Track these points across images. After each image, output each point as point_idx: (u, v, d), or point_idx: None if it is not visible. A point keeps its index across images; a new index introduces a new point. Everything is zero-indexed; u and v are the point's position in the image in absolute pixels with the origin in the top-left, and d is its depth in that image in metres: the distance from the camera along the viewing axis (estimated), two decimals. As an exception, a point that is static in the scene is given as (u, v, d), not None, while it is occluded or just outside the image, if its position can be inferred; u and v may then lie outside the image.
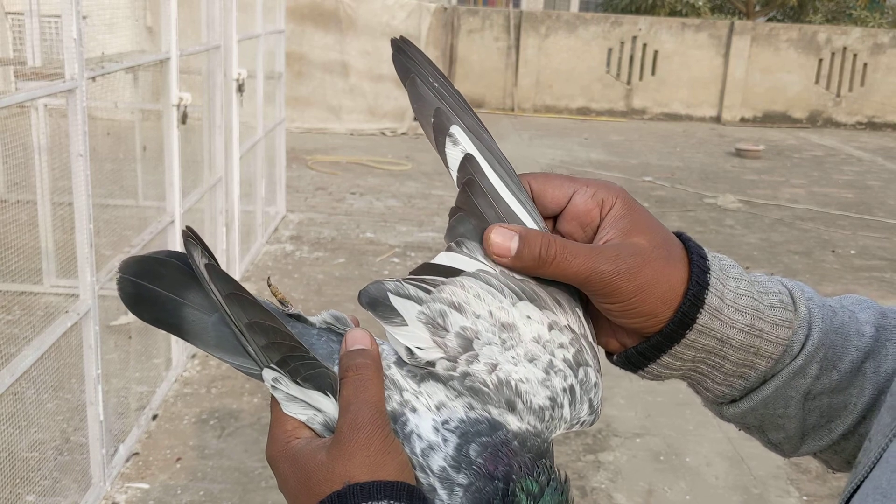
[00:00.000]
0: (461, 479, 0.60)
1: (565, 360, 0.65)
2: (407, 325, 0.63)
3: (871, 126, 15.76)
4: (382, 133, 12.31)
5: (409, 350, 0.64)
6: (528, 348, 0.64)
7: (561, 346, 0.65)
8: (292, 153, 9.27)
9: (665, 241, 0.68)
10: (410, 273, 0.68)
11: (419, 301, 0.64)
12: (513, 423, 0.62)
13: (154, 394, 4.11)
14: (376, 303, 0.65)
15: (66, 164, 3.16)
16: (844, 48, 15.53)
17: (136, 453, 3.74)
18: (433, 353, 0.63)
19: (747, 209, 8.96)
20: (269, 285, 0.73)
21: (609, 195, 0.69)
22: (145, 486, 3.52)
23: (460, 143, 0.69)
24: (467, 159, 0.69)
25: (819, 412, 0.72)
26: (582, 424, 0.65)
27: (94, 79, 3.26)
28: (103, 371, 3.31)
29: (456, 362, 0.63)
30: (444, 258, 0.68)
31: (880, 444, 0.60)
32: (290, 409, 0.64)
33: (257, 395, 4.31)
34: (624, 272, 0.65)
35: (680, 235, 0.71)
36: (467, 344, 0.63)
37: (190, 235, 0.63)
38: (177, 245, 4.21)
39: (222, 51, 5.02)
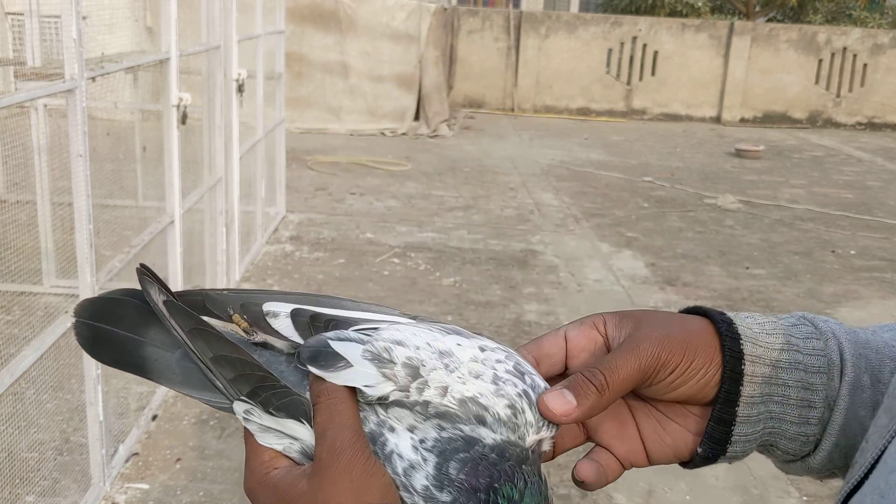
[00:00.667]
0: (445, 496, 0.59)
1: (508, 371, 0.64)
2: (352, 365, 0.62)
3: (871, 126, 15.77)
4: (382, 133, 12.30)
5: (358, 393, 0.62)
6: (469, 367, 0.63)
7: (498, 361, 0.65)
8: (292, 153, 9.27)
9: (670, 312, 0.72)
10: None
11: (361, 342, 0.63)
12: (487, 436, 0.61)
13: (154, 394, 4.11)
14: (317, 354, 0.62)
15: (65, 164, 3.16)
16: (844, 48, 15.53)
17: (136, 454, 3.73)
18: (384, 388, 0.62)
19: (747, 209, 8.96)
20: (231, 315, 0.69)
21: (596, 317, 0.71)
22: (145, 486, 3.52)
23: (280, 312, 0.67)
24: (295, 312, 0.67)
25: None
26: (549, 427, 0.64)
27: (93, 79, 3.26)
28: (103, 371, 3.31)
29: (408, 391, 0.62)
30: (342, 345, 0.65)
31: (877, 445, 0.60)
32: (265, 439, 0.63)
33: (257, 396, 4.31)
34: (662, 339, 0.67)
35: (682, 310, 0.74)
36: (415, 372, 0.62)
37: (145, 273, 0.63)
38: (177, 245, 4.20)
39: (222, 51, 5.02)
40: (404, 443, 0.61)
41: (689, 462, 0.72)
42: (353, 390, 0.62)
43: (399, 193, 8.73)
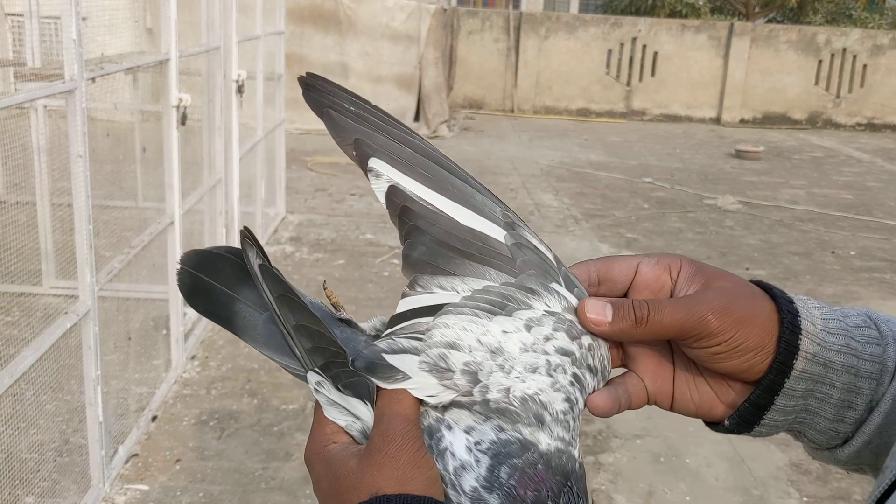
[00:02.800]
0: (493, 500, 0.60)
1: (557, 350, 0.65)
2: (410, 377, 0.63)
3: (871, 127, 15.77)
4: (382, 134, 12.29)
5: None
6: (523, 361, 0.64)
7: (546, 338, 0.65)
8: (292, 154, 9.27)
9: (745, 282, 0.70)
10: (386, 329, 0.67)
11: (416, 352, 0.64)
12: (543, 441, 0.62)
13: (154, 395, 4.11)
14: (374, 366, 0.63)
15: (65, 165, 3.16)
16: (844, 49, 15.54)
17: (136, 455, 3.73)
18: (445, 396, 0.63)
19: (747, 210, 8.96)
20: (325, 289, 0.73)
21: (674, 260, 0.71)
22: (145, 487, 3.52)
23: (383, 175, 0.67)
24: (392, 191, 0.67)
25: None
26: (596, 374, 0.66)
27: (93, 80, 3.26)
28: (103, 372, 3.31)
29: (471, 395, 0.63)
30: (407, 304, 0.67)
31: None
32: (330, 413, 0.65)
33: (257, 397, 4.30)
34: (719, 309, 0.66)
35: (753, 280, 0.72)
36: (474, 378, 0.63)
37: (247, 236, 0.65)
38: (176, 246, 4.20)
39: (222, 52, 5.02)
40: (459, 442, 0.62)
41: (711, 424, 0.73)
42: None
43: (399, 194, 8.72)
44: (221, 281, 0.67)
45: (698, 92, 15.58)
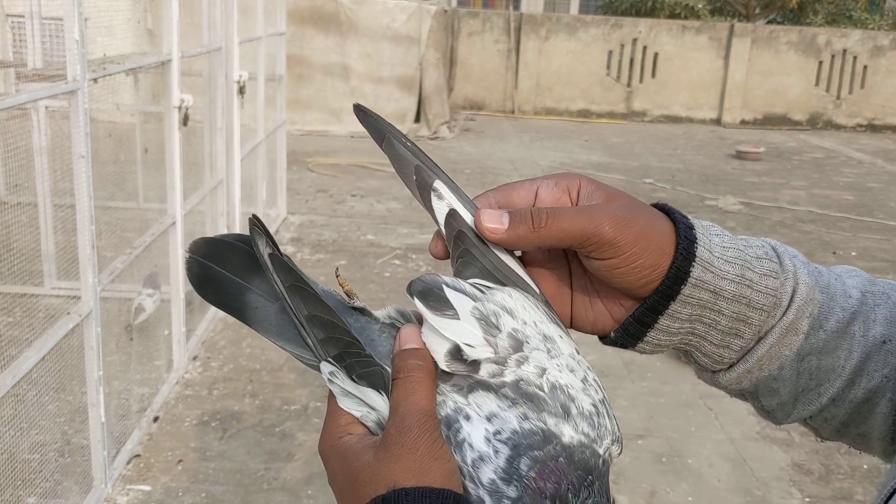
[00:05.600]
0: (511, 492, 0.59)
1: (594, 380, 0.66)
2: (459, 318, 0.63)
3: (871, 128, 15.77)
4: (383, 135, 12.29)
5: (453, 351, 0.62)
6: (567, 360, 0.64)
7: (589, 368, 0.66)
8: (293, 155, 9.27)
9: (645, 203, 0.70)
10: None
11: (474, 297, 0.64)
12: (566, 433, 0.61)
13: (155, 396, 4.11)
14: (428, 292, 0.63)
15: (66, 166, 3.16)
16: (844, 50, 15.54)
17: (138, 455, 3.73)
18: (482, 352, 0.62)
19: (748, 211, 8.96)
20: (337, 276, 0.72)
21: (572, 179, 0.71)
22: (147, 488, 3.52)
23: (445, 198, 0.69)
24: (452, 214, 0.69)
25: (808, 374, 0.71)
26: (617, 442, 0.64)
27: (95, 80, 3.26)
28: (105, 373, 3.31)
29: (505, 365, 0.62)
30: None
31: None
32: (345, 403, 0.64)
33: (259, 397, 4.30)
34: (620, 220, 0.66)
35: (654, 204, 0.72)
36: (518, 345, 0.63)
37: (256, 224, 0.64)
38: (178, 247, 4.20)
39: (223, 53, 5.02)
40: (478, 433, 0.60)
41: (603, 339, 0.74)
42: (434, 372, 0.62)
43: (400, 195, 8.72)
44: (231, 270, 0.66)
45: (699, 93, 15.58)
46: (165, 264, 4.28)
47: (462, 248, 0.68)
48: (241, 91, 5.39)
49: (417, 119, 12.64)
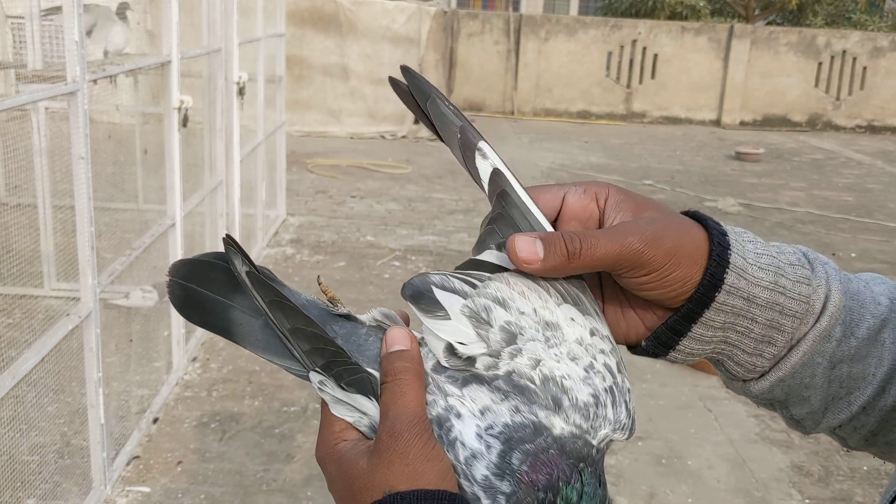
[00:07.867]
0: (505, 487, 0.59)
1: (605, 365, 0.65)
2: (450, 318, 0.63)
3: (871, 129, 15.78)
4: (382, 136, 12.31)
5: (449, 347, 0.63)
6: (570, 348, 0.64)
7: (602, 351, 0.65)
8: (292, 156, 9.27)
9: (673, 211, 0.70)
10: (456, 267, 0.69)
11: (464, 295, 0.64)
12: (557, 425, 0.61)
13: (155, 397, 4.11)
14: (420, 295, 0.64)
15: (66, 167, 3.16)
16: (844, 52, 15.55)
17: (137, 457, 3.73)
18: (476, 348, 0.63)
19: (747, 212, 8.96)
20: (319, 283, 0.73)
21: (600, 188, 0.70)
22: (146, 489, 3.52)
23: (489, 158, 0.71)
24: (496, 173, 0.70)
25: (839, 382, 0.71)
26: (623, 430, 0.64)
27: (95, 81, 3.26)
28: (104, 374, 3.30)
29: (499, 357, 0.62)
30: (491, 256, 0.69)
31: None
32: (337, 410, 0.64)
33: (258, 399, 4.30)
34: (651, 240, 0.65)
35: (686, 212, 0.72)
36: (511, 338, 0.63)
37: (230, 244, 0.64)
38: (178, 248, 4.20)
39: (223, 54, 5.02)
40: (469, 430, 0.61)
41: (634, 349, 0.73)
42: (422, 373, 0.63)
43: (399, 196, 8.73)
44: (214, 289, 0.66)
45: (698, 94, 15.59)
46: (165, 266, 4.27)
47: (496, 212, 0.69)
48: (241, 92, 5.39)
49: (417, 120, 12.64)
